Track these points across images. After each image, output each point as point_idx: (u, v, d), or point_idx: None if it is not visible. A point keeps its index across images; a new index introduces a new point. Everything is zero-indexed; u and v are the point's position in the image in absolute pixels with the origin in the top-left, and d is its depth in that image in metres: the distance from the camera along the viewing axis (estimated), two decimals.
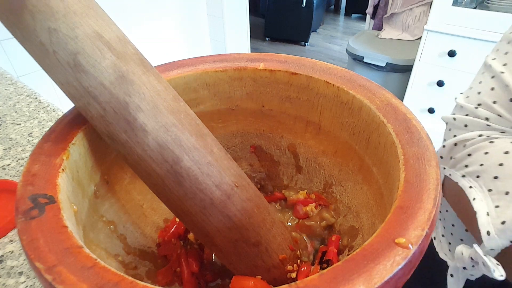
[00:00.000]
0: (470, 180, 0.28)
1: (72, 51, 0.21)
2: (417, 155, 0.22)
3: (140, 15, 1.54)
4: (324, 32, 3.50)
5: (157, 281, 0.31)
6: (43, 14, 0.20)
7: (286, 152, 0.38)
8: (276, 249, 0.30)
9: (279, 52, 1.40)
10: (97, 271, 0.17)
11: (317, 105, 0.32)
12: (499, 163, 0.26)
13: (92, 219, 0.27)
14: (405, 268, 0.17)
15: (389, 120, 0.25)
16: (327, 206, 0.35)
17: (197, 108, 0.34)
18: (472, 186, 0.28)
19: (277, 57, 0.33)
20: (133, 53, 0.24)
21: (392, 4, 2.08)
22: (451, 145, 0.32)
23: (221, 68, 0.33)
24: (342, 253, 0.31)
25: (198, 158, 0.25)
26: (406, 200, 0.19)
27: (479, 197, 0.26)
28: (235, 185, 0.27)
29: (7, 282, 0.36)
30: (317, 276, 0.16)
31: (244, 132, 0.37)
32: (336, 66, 0.31)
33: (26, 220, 0.19)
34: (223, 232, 0.27)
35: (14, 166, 0.51)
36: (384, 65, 1.93)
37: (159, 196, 0.26)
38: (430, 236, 0.18)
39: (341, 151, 0.32)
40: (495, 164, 0.26)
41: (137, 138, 0.23)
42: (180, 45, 1.79)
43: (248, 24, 1.93)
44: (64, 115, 0.27)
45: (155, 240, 0.34)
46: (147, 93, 0.23)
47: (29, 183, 0.21)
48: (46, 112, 0.63)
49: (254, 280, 0.28)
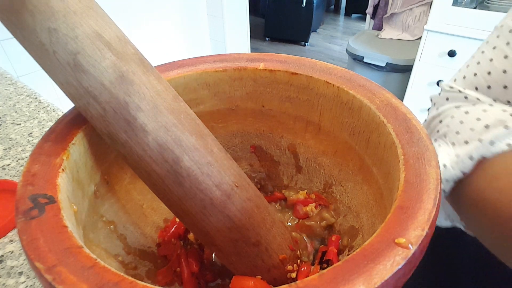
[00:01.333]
0: (440, 142, 0.32)
1: (72, 51, 0.21)
2: (417, 155, 0.22)
3: (140, 15, 1.54)
4: (324, 32, 3.50)
5: (157, 281, 0.31)
6: (43, 14, 0.20)
7: (286, 152, 0.38)
8: (276, 249, 0.30)
9: (279, 52, 1.40)
10: (97, 271, 0.17)
11: (317, 105, 0.32)
12: (460, 121, 0.30)
13: (92, 219, 0.27)
14: (405, 268, 0.17)
15: (389, 120, 0.25)
16: (327, 206, 0.35)
17: (197, 108, 0.34)
18: (440, 144, 0.31)
19: (277, 57, 0.33)
20: (133, 53, 0.24)
21: (392, 4, 2.08)
22: (430, 118, 0.35)
23: (221, 68, 0.33)
24: (342, 253, 0.31)
25: (198, 158, 0.25)
26: (406, 200, 0.19)
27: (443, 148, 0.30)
28: (235, 185, 0.27)
29: (7, 282, 0.36)
30: (317, 276, 0.16)
31: (244, 132, 0.37)
32: (336, 66, 0.31)
33: (26, 220, 0.19)
34: (223, 232, 0.27)
35: (14, 166, 0.51)
36: (384, 65, 1.93)
37: (159, 196, 0.26)
38: (430, 236, 0.18)
39: (341, 151, 0.32)
40: (457, 122, 0.30)
41: (137, 138, 0.23)
42: (180, 45, 1.79)
43: (248, 24, 1.93)
44: (64, 115, 0.27)
45: (155, 240, 0.34)
46: (147, 93, 0.23)
47: (29, 183, 0.21)
48: (46, 112, 0.63)
49: (254, 280, 0.28)
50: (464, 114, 0.30)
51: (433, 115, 0.35)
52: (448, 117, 0.32)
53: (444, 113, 0.33)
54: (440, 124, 0.33)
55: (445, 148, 0.30)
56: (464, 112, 0.30)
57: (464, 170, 0.27)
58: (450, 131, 0.31)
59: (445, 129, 0.32)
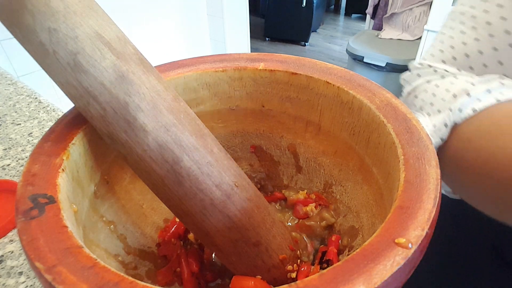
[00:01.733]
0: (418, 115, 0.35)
1: (72, 51, 0.21)
2: (417, 155, 0.22)
3: (140, 15, 1.54)
4: (324, 32, 3.50)
5: (157, 281, 0.31)
6: (43, 14, 0.20)
7: (286, 152, 0.38)
8: (276, 249, 0.30)
9: (279, 52, 1.40)
10: (97, 271, 0.17)
11: (317, 105, 0.32)
12: (432, 93, 0.34)
13: (92, 219, 0.27)
14: (405, 268, 0.17)
15: (389, 120, 0.25)
16: (327, 206, 0.35)
17: (197, 108, 0.34)
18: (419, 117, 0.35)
19: (277, 57, 0.33)
20: (133, 53, 0.24)
21: (392, 4, 2.09)
22: (406, 94, 0.40)
23: (221, 68, 0.33)
24: (342, 253, 0.31)
25: (198, 158, 0.25)
26: (406, 200, 0.19)
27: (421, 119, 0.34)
28: (235, 185, 0.27)
29: (7, 282, 0.36)
30: (317, 276, 0.16)
31: (244, 132, 0.37)
32: (336, 66, 0.31)
33: (26, 220, 0.19)
34: (223, 232, 0.27)
35: (14, 166, 0.51)
36: (384, 65, 1.93)
37: (159, 196, 0.26)
38: (431, 236, 0.18)
39: (341, 151, 0.32)
40: (430, 95, 0.34)
41: (137, 138, 0.23)
42: (180, 45, 1.79)
43: (248, 24, 1.93)
44: (64, 115, 0.27)
45: (155, 240, 0.34)
46: (147, 93, 0.23)
47: (29, 183, 0.21)
48: (46, 112, 0.63)
49: (254, 280, 0.28)
50: (435, 87, 0.34)
51: (408, 91, 0.39)
52: (422, 91, 0.36)
53: (418, 88, 0.37)
54: (416, 99, 0.37)
55: (423, 119, 0.34)
56: (435, 85, 0.35)
57: (442, 137, 0.31)
58: (425, 104, 0.35)
59: (421, 103, 0.36)
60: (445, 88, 0.33)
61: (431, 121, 0.33)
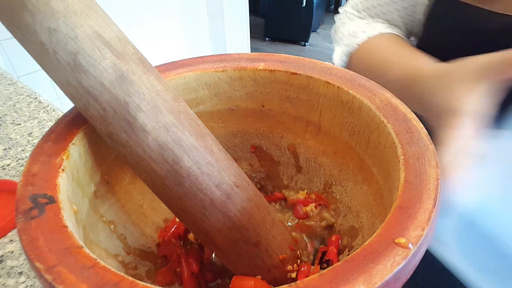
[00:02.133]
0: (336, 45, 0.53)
1: (72, 51, 0.21)
2: (417, 155, 0.22)
3: (140, 15, 1.54)
4: (324, 32, 3.50)
5: (157, 281, 0.31)
6: (43, 14, 0.20)
7: (286, 152, 0.38)
8: (276, 249, 0.30)
9: (279, 52, 1.39)
10: (97, 271, 0.17)
11: (317, 105, 0.32)
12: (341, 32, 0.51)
13: (92, 219, 0.27)
14: (405, 268, 0.17)
15: (389, 120, 0.25)
16: (327, 206, 0.35)
17: (197, 108, 0.34)
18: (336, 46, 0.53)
19: (277, 57, 0.33)
20: (133, 53, 0.24)
21: None
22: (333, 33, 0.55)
23: (221, 68, 0.33)
24: (342, 253, 0.31)
25: (198, 158, 0.25)
26: (406, 200, 0.19)
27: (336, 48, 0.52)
28: (235, 185, 0.27)
29: (7, 282, 0.36)
30: (317, 276, 0.16)
31: (244, 132, 0.37)
32: (336, 66, 0.31)
33: (26, 220, 0.19)
34: (223, 232, 0.27)
35: (14, 166, 0.51)
36: None
37: (159, 196, 0.26)
38: (431, 236, 0.18)
39: (341, 151, 0.32)
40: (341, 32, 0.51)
41: (137, 138, 0.23)
42: (180, 45, 1.79)
43: (248, 24, 1.93)
44: (64, 115, 0.27)
45: (155, 240, 0.34)
46: (147, 93, 0.23)
47: (29, 183, 0.21)
48: (46, 112, 0.63)
49: (254, 280, 0.28)
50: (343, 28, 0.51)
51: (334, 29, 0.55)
52: (339, 30, 0.53)
53: (338, 28, 0.53)
54: (336, 36, 0.53)
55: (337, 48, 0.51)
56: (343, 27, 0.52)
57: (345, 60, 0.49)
58: (339, 38, 0.52)
59: (337, 38, 0.53)
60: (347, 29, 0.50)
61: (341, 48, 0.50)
